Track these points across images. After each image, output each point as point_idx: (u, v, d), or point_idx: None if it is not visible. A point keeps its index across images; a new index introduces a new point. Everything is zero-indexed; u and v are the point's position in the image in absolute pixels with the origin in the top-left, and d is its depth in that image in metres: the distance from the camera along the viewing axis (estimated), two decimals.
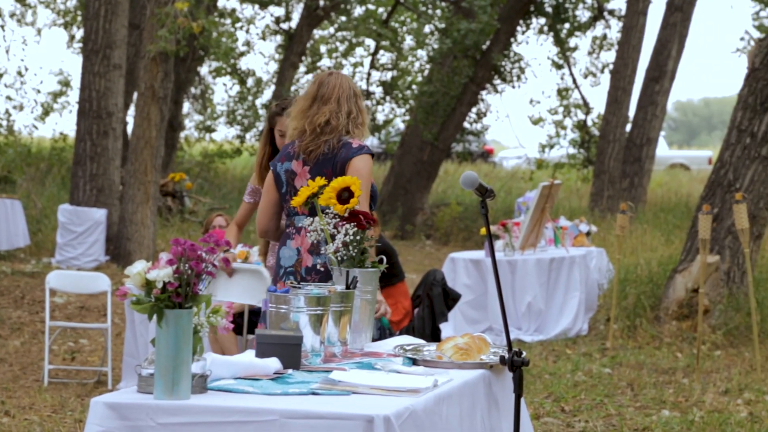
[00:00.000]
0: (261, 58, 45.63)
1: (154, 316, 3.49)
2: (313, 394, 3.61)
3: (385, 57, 26.67)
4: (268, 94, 26.06)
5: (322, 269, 4.93)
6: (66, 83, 25.43)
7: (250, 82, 26.34)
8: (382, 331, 8.09)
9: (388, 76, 26.24)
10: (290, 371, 3.89)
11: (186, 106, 26.52)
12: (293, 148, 5.10)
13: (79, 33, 24.99)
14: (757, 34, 21.49)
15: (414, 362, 4.19)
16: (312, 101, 5.10)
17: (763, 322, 10.41)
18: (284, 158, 5.12)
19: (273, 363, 3.85)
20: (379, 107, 25.87)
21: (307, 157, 5.05)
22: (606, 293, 11.79)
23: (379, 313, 4.99)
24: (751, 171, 10.85)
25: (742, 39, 22.64)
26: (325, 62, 26.80)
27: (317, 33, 26.59)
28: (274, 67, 27.61)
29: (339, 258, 4.50)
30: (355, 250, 4.51)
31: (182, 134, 25.75)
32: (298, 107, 5.15)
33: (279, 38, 26.84)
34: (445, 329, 9.90)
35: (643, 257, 13.30)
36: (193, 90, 26.12)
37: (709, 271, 10.50)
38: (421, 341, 4.76)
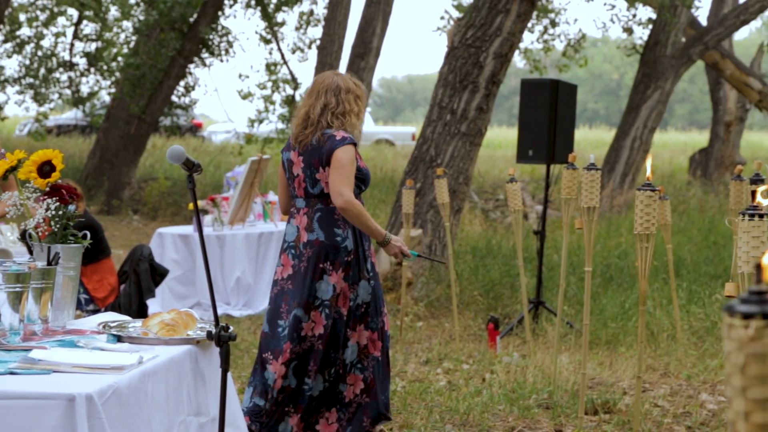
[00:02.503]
0: None
1: None
2: (11, 373, 3.49)
3: (89, 27, 25.96)
4: None
5: (316, 244, 5.67)
6: None
7: None
8: None
9: (93, 47, 25.57)
10: None
11: None
12: (291, 138, 5.84)
13: None
14: (456, 14, 22.23)
15: (119, 339, 4.12)
16: (304, 98, 5.84)
17: (462, 294, 10.82)
18: (286, 148, 5.87)
19: None
20: (84, 79, 25.17)
21: (299, 146, 5.75)
22: None
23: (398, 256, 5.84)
24: (451, 147, 11.24)
25: (442, 18, 23.36)
26: (25, 31, 25.82)
27: (16, 0, 25.57)
28: None
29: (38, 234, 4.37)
30: (57, 225, 4.40)
31: None
32: None
33: None
34: (153, 305, 9.78)
35: None
36: None
37: (412, 245, 10.81)
38: (127, 318, 4.70)
